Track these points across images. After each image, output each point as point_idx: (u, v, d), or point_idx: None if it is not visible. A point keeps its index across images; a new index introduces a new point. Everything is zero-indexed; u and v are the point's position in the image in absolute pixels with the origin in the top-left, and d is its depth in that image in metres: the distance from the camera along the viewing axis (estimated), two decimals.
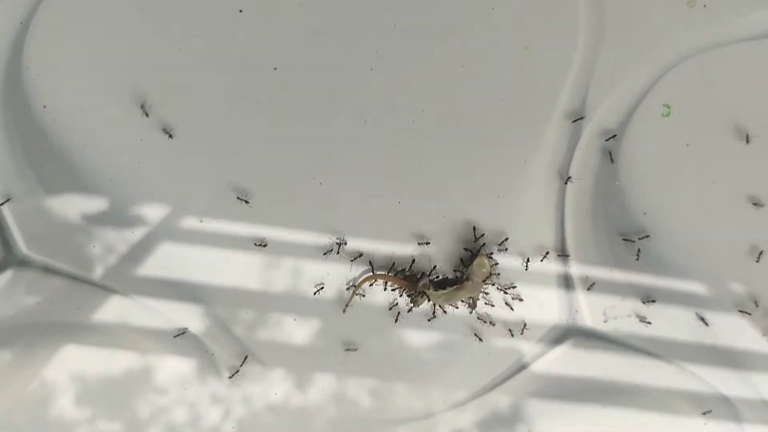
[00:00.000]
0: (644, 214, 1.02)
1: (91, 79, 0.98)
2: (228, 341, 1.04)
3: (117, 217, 1.01)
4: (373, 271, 1.03)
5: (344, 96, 1.00)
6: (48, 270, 1.02)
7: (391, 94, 1.00)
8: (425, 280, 1.02)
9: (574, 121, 1.00)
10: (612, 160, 1.01)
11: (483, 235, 1.02)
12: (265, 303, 1.04)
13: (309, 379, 1.06)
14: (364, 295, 1.04)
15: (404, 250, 1.03)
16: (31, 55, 0.97)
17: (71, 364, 1.04)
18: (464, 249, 1.03)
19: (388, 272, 1.03)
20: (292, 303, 1.04)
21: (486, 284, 1.02)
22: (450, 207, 1.02)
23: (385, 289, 1.04)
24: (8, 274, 1.02)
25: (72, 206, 1.00)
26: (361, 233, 1.03)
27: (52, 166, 0.99)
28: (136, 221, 1.01)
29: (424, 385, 1.06)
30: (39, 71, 0.97)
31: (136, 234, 1.02)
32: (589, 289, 1.04)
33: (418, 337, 1.06)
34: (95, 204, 1.00)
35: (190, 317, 1.04)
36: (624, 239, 1.02)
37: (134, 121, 0.99)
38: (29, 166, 0.99)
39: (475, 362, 1.06)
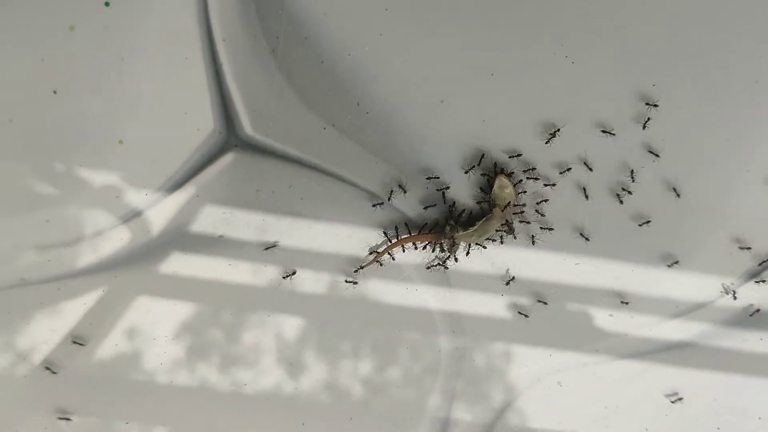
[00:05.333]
0: None
1: None
2: None
3: (351, 97, 0.92)
4: (398, 237, 0.95)
5: None
6: (272, 155, 0.94)
7: None
8: (450, 223, 0.94)
9: None
10: None
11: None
12: None
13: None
14: (382, 264, 0.96)
15: None
16: None
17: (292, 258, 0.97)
18: (481, 174, 0.94)
19: (420, 232, 0.94)
20: None
21: (516, 204, 0.94)
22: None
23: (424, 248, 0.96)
24: (229, 157, 0.94)
25: (304, 82, 0.92)
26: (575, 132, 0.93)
27: (288, 38, 0.90)
28: (372, 102, 0.92)
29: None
30: None
31: (371, 117, 0.93)
32: None
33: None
34: (331, 81, 0.92)
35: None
36: None
37: None
38: (263, 37, 0.90)
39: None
